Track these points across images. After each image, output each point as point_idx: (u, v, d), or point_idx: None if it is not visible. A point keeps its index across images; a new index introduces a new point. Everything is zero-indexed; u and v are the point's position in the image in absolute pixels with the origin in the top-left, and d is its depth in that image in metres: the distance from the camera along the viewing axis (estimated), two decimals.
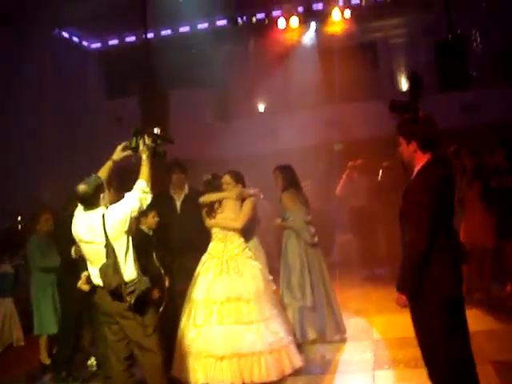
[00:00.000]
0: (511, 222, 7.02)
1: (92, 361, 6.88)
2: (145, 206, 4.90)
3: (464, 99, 14.81)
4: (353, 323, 7.47)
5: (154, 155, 5.00)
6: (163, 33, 15.18)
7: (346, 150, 14.76)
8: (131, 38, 15.40)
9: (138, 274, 4.87)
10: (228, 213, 6.21)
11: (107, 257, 4.63)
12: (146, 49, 11.77)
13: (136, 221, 5.49)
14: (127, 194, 4.84)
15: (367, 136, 14.73)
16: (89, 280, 5.05)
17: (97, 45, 16.13)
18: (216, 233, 6.21)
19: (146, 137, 4.98)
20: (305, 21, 14.75)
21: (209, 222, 6.28)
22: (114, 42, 15.88)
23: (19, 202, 10.83)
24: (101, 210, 4.74)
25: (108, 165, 5.08)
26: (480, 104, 15.19)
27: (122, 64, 16.05)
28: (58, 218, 7.22)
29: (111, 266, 4.61)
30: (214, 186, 6.43)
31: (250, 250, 6.31)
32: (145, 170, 4.90)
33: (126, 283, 4.69)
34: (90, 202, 4.74)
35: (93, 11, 12.88)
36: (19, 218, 10.41)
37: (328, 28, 15.00)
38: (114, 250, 4.65)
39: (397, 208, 8.94)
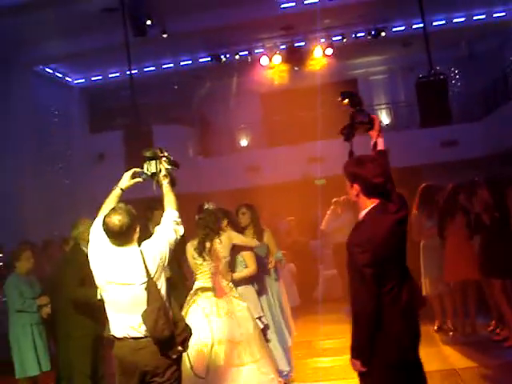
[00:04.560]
0: (496, 258, 7.05)
1: None
2: (179, 238, 4.26)
3: (443, 135, 15.06)
4: (338, 361, 7.40)
5: (172, 182, 4.40)
6: (147, 69, 15.30)
7: (328, 186, 14.85)
8: (115, 74, 15.50)
9: (182, 317, 4.26)
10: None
11: (151, 300, 3.89)
12: (130, 85, 11.80)
13: None
14: (159, 227, 4.20)
15: None
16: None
17: (80, 80, 16.21)
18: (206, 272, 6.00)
19: (164, 161, 4.36)
20: (287, 58, 14.95)
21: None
22: (97, 77, 15.97)
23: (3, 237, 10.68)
24: (135, 246, 4.06)
25: (115, 194, 4.35)
26: (458, 139, 15.47)
27: (106, 99, 16.15)
28: (65, 257, 7.09)
29: (162, 310, 3.88)
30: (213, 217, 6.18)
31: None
32: (172, 197, 4.33)
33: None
34: (128, 236, 4.01)
35: (76, 48, 12.98)
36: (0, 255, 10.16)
37: (310, 65, 15.23)
38: (159, 292, 3.95)
39: None
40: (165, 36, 12.59)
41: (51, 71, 15.24)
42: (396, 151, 15.66)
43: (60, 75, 15.67)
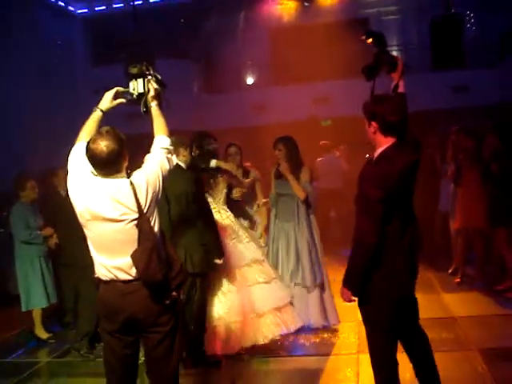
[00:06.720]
0: (503, 207, 6.93)
1: None
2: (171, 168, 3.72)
3: (455, 80, 14.69)
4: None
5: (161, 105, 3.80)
6: (152, 0, 14.90)
7: (333, 127, 14.63)
8: (119, 5, 15.11)
9: (178, 257, 3.72)
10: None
11: (143, 239, 3.37)
12: (133, 16, 11.45)
13: None
14: (149, 156, 3.64)
15: (356, 113, 14.54)
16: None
17: (83, 10, 15.80)
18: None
19: (154, 79, 3.76)
20: None
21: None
22: (101, 8, 15.57)
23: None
24: (124, 177, 3.48)
25: (96, 117, 3.79)
26: (470, 85, 15.08)
27: (110, 31, 15.75)
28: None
29: (154, 250, 3.37)
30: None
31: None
32: (162, 121, 3.76)
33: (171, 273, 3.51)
34: (116, 165, 3.42)
35: None
36: None
37: (320, 2, 14.76)
38: (152, 229, 3.43)
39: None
40: None
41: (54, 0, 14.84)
42: (407, 95, 15.58)
43: (62, 4, 15.25)
